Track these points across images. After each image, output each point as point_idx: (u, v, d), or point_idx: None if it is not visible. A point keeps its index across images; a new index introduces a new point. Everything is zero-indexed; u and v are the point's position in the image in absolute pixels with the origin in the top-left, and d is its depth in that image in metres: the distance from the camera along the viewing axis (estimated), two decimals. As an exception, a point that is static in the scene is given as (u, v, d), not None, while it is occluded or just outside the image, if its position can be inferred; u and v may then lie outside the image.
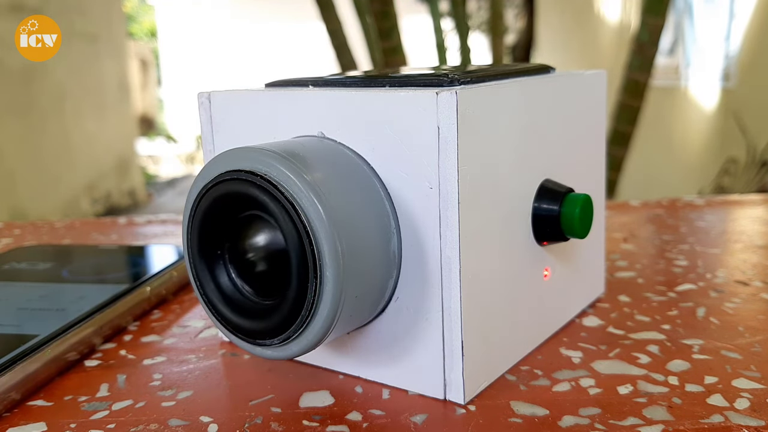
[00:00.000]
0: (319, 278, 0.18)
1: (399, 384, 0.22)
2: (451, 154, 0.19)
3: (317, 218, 0.18)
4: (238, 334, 0.20)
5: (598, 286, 0.29)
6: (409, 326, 0.21)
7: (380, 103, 0.20)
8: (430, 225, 0.20)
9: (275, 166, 0.19)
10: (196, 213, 0.20)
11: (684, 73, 2.52)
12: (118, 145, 3.52)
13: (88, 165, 3.15)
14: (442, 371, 0.21)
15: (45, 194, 2.72)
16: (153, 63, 6.31)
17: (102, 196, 3.25)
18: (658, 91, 1.58)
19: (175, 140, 5.76)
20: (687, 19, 2.48)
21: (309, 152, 0.20)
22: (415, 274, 0.21)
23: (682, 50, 2.53)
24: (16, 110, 2.55)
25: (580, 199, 0.23)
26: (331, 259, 0.18)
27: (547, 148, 0.24)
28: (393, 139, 0.20)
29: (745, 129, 2.07)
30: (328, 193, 0.19)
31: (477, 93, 0.20)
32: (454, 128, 0.19)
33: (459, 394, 0.21)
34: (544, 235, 0.23)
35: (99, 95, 3.33)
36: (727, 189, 2.10)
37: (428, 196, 0.20)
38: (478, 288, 0.21)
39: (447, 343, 0.20)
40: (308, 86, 0.23)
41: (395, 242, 0.20)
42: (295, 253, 0.18)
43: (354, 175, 0.20)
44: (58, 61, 2.83)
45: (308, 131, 0.22)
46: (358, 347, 0.22)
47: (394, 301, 0.21)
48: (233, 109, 0.24)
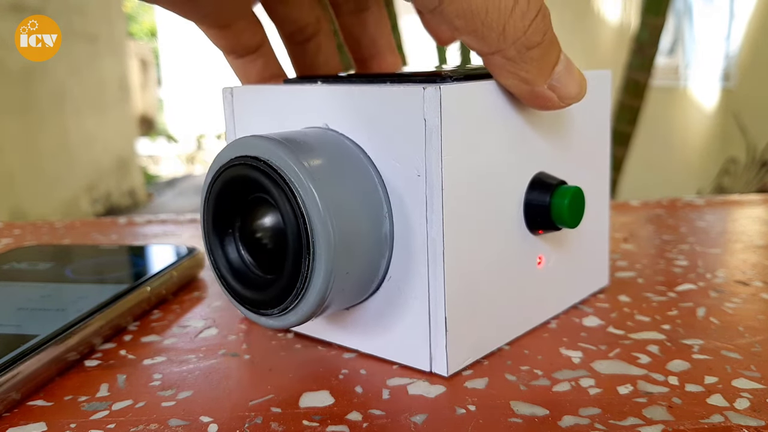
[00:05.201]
0: (311, 255, 0.20)
1: (390, 356, 0.24)
2: (436, 144, 0.21)
3: (311, 201, 0.20)
4: (245, 304, 0.23)
5: (602, 277, 0.30)
6: (400, 303, 0.23)
7: (375, 97, 0.22)
8: (418, 210, 0.22)
9: (277, 153, 0.21)
10: (210, 194, 0.23)
11: (684, 73, 2.52)
12: (118, 145, 3.52)
13: (88, 165, 3.15)
14: (428, 345, 0.22)
15: (45, 194, 2.72)
16: (153, 63, 6.31)
17: (102, 196, 3.26)
18: (658, 91, 1.58)
19: (176, 140, 5.76)
20: (687, 19, 2.48)
21: (310, 142, 0.22)
22: (406, 255, 0.22)
23: (682, 50, 2.53)
24: (16, 110, 2.55)
25: (570, 191, 0.24)
26: (322, 238, 0.20)
27: (544, 144, 0.25)
28: (386, 131, 0.22)
29: (745, 129, 2.07)
30: (324, 178, 0.21)
31: (460, 89, 0.21)
32: (438, 121, 0.21)
33: (443, 367, 0.22)
34: (537, 224, 0.25)
35: (99, 95, 3.33)
36: (727, 189, 2.10)
37: (416, 183, 0.21)
38: (463, 269, 0.22)
39: (432, 319, 0.22)
40: (317, 82, 0.25)
41: (387, 225, 0.22)
42: (291, 232, 0.21)
43: (351, 164, 0.22)
44: (58, 61, 2.84)
45: (315, 123, 0.24)
46: (355, 322, 0.24)
47: (387, 280, 0.23)
48: (252, 103, 0.26)
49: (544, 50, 0.21)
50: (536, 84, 0.22)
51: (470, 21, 0.19)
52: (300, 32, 0.28)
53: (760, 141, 2.01)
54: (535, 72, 0.21)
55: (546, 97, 0.22)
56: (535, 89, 0.22)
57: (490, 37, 0.20)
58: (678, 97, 2.53)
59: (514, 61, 0.21)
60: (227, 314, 0.29)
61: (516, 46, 0.20)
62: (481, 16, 0.19)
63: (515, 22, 0.20)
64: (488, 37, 0.20)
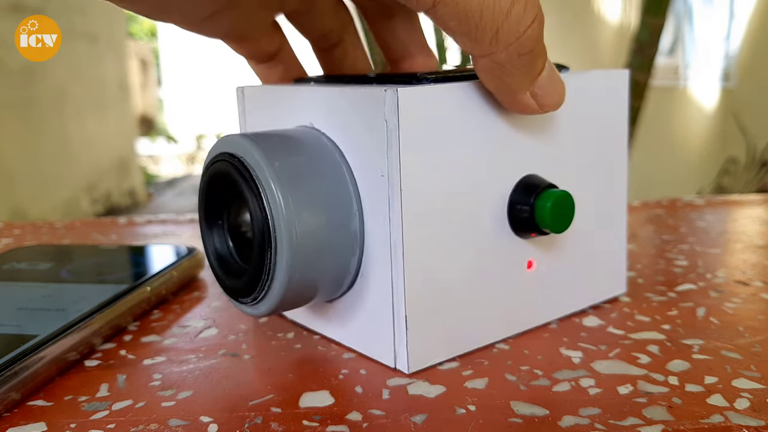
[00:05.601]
0: (273, 249, 0.21)
1: (364, 351, 0.24)
2: (395, 145, 0.21)
3: (274, 199, 0.21)
4: (228, 292, 0.24)
5: (616, 284, 0.29)
6: (369, 300, 0.23)
7: (347, 99, 0.23)
8: (382, 209, 0.22)
9: (250, 152, 0.22)
10: (201, 188, 0.24)
11: (684, 73, 2.52)
12: (118, 145, 3.52)
13: (88, 165, 3.15)
14: (393, 342, 0.23)
15: (45, 194, 2.72)
16: (153, 63, 6.31)
17: (102, 196, 3.26)
18: (658, 91, 1.58)
19: (176, 140, 5.76)
20: (687, 19, 2.49)
21: (288, 141, 0.23)
22: (375, 254, 0.23)
23: (682, 50, 2.53)
24: (16, 110, 2.55)
25: (554, 194, 0.23)
26: (284, 234, 0.21)
27: (539, 146, 0.25)
28: (357, 132, 0.22)
29: (745, 129, 2.07)
30: (292, 177, 0.22)
31: (421, 91, 0.21)
32: (396, 122, 0.21)
33: (404, 364, 0.23)
34: (521, 227, 0.24)
35: (99, 95, 3.33)
36: (727, 189, 2.10)
37: (380, 183, 0.22)
38: (427, 269, 0.22)
39: (396, 318, 0.23)
40: (311, 83, 0.26)
41: (356, 223, 0.23)
42: (256, 226, 0.22)
43: (324, 162, 0.23)
44: (58, 61, 2.84)
45: (304, 122, 0.25)
46: (336, 315, 0.25)
47: (361, 276, 0.24)
48: (258, 102, 0.27)
49: (534, 57, 0.21)
50: (519, 90, 0.22)
51: (464, 23, 0.19)
52: (325, 39, 0.28)
53: (760, 141, 2.01)
54: (521, 78, 0.21)
55: (525, 103, 0.22)
56: (516, 95, 0.22)
57: (483, 40, 0.20)
58: (678, 97, 2.53)
59: (502, 66, 0.21)
60: (227, 314, 0.29)
61: (507, 51, 0.20)
62: (476, 19, 0.19)
63: (510, 27, 0.19)
64: (481, 40, 0.20)
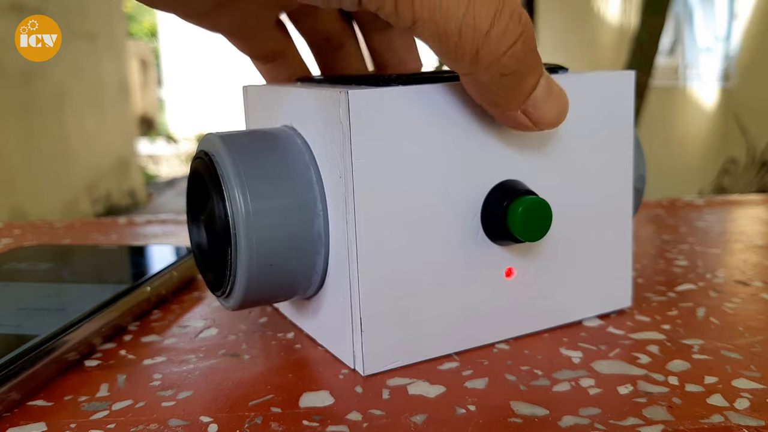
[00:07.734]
0: (234, 246, 0.22)
1: (333, 350, 0.25)
2: (347, 147, 0.21)
3: (235, 198, 0.22)
4: (208, 285, 0.25)
5: (621, 297, 0.27)
6: (334, 300, 0.24)
7: (314, 99, 0.23)
8: (342, 210, 0.22)
9: (218, 151, 0.23)
10: (187, 184, 0.25)
11: (684, 73, 2.52)
12: (118, 145, 3.52)
13: (88, 165, 3.15)
14: (351, 343, 0.23)
15: (45, 194, 2.72)
16: (153, 63, 6.31)
17: (102, 196, 3.25)
18: (658, 91, 1.58)
19: (176, 140, 5.76)
20: (687, 19, 2.49)
21: (258, 141, 0.24)
22: (338, 254, 0.23)
23: (682, 50, 2.53)
24: (16, 110, 2.55)
25: (525, 201, 0.22)
26: (243, 232, 0.22)
27: (523, 151, 0.24)
28: (321, 132, 0.23)
29: (745, 129, 2.07)
30: (256, 176, 0.22)
31: (376, 94, 0.21)
32: (348, 124, 0.21)
33: (360, 366, 0.23)
34: (495, 234, 0.23)
35: (99, 95, 3.33)
36: (727, 189, 2.10)
37: (339, 184, 0.22)
38: (384, 273, 0.22)
39: (354, 320, 0.23)
40: (297, 83, 0.26)
41: (320, 223, 0.23)
42: (219, 223, 0.22)
43: (292, 163, 0.23)
44: (58, 61, 2.83)
45: (287, 122, 0.25)
46: (311, 312, 0.26)
47: (328, 276, 0.24)
48: (258, 101, 0.28)
49: (520, 77, 0.20)
50: (507, 109, 0.21)
51: (444, 42, 0.19)
52: (327, 42, 0.28)
53: (760, 141, 2.01)
54: (507, 98, 0.20)
55: (518, 121, 0.21)
56: (506, 112, 0.21)
57: (463, 59, 0.19)
58: (678, 97, 2.53)
59: (486, 85, 0.20)
60: (227, 314, 0.29)
61: (489, 72, 0.19)
62: (455, 39, 0.19)
63: (489, 48, 0.19)
64: (461, 60, 0.19)
